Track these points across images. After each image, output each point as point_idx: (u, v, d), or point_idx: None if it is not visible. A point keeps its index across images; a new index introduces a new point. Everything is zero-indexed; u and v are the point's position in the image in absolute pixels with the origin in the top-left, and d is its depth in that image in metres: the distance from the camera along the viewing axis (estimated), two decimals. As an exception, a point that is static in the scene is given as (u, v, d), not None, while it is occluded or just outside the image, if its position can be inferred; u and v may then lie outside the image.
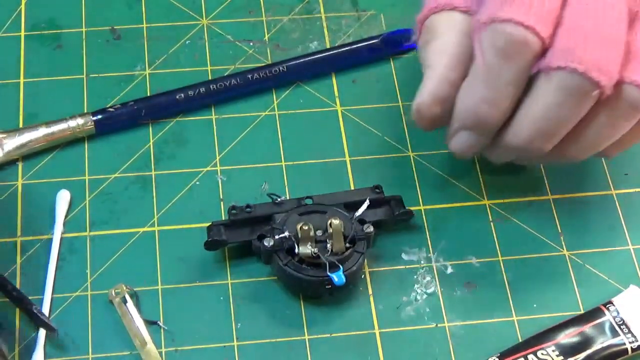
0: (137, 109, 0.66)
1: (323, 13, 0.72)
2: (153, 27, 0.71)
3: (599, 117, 0.56)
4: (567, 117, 0.56)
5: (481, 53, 0.56)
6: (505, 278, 0.62)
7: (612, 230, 0.64)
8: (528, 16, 0.54)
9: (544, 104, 0.55)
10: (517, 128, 0.57)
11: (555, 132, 0.57)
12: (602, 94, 0.55)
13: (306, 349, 0.59)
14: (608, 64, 0.54)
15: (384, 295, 0.61)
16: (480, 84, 0.57)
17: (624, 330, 0.59)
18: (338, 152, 0.66)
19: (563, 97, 0.55)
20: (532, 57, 0.55)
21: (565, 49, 0.54)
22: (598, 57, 0.54)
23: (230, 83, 0.67)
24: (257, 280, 0.61)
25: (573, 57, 0.54)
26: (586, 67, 0.54)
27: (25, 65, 0.69)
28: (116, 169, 0.65)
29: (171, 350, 0.59)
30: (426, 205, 0.64)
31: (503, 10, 0.54)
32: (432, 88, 0.58)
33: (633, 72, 0.55)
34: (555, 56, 0.55)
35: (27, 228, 0.62)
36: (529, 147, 0.57)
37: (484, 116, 0.57)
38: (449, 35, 0.59)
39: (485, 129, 0.58)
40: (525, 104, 0.57)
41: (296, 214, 0.61)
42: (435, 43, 0.59)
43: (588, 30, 0.54)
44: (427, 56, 0.59)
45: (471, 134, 0.59)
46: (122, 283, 0.60)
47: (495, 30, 0.55)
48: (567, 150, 0.59)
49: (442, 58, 0.58)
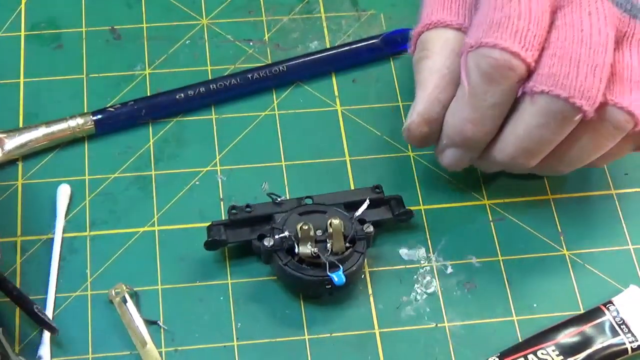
0: (137, 109, 0.66)
1: (323, 13, 0.72)
2: (153, 27, 0.71)
3: (582, 136, 0.58)
4: (549, 138, 0.57)
5: (467, 75, 0.57)
6: (505, 278, 0.62)
7: (612, 230, 0.64)
8: (513, 42, 0.55)
9: (527, 124, 0.57)
10: (502, 145, 0.59)
11: (538, 150, 0.58)
12: (585, 117, 0.56)
13: (306, 349, 0.59)
14: (591, 90, 0.55)
15: (384, 295, 0.61)
16: (465, 105, 0.58)
17: (624, 330, 0.59)
18: (338, 152, 0.66)
19: (546, 119, 0.56)
20: (517, 81, 0.56)
21: (549, 74, 0.56)
22: (581, 82, 0.55)
23: (230, 83, 0.67)
24: (257, 280, 0.61)
25: (556, 82, 0.55)
26: (569, 92, 0.55)
27: (25, 65, 0.69)
28: (116, 169, 0.65)
29: (171, 350, 0.59)
30: (426, 205, 0.64)
31: (489, 35, 0.56)
32: (422, 109, 0.60)
33: (617, 94, 0.57)
34: (539, 80, 0.56)
35: (27, 228, 0.62)
36: (513, 163, 0.59)
37: (470, 135, 0.59)
38: (440, 54, 0.60)
39: (471, 146, 0.60)
40: (510, 123, 0.58)
41: (296, 214, 0.61)
42: (428, 62, 0.60)
43: (572, 55, 0.56)
44: (419, 74, 0.61)
45: (459, 151, 0.60)
46: (122, 283, 0.60)
47: (481, 55, 0.56)
48: (552, 165, 0.61)
49: (433, 78, 0.60)
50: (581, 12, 0.57)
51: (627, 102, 0.56)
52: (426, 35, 0.61)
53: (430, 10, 0.61)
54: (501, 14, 0.56)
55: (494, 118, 0.58)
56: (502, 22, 0.56)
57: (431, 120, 0.60)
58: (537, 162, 0.59)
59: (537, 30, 0.56)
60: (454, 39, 0.60)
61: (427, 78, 0.60)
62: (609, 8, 0.57)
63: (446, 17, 0.61)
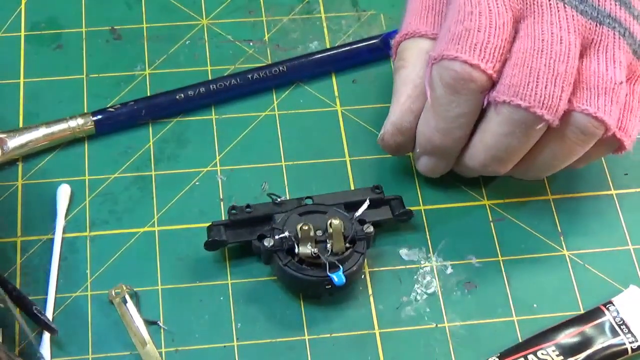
0: (137, 109, 0.66)
1: (323, 13, 0.72)
2: (153, 27, 0.71)
3: (552, 143, 0.59)
4: (516, 146, 0.58)
5: (431, 87, 0.59)
6: (505, 278, 0.62)
7: (612, 230, 0.64)
8: (473, 54, 0.57)
9: (493, 133, 0.58)
10: (472, 153, 0.60)
11: (507, 158, 0.59)
12: (550, 125, 0.57)
13: (306, 349, 0.59)
14: (552, 99, 0.56)
15: (384, 295, 0.61)
16: (432, 116, 0.59)
17: (624, 330, 0.59)
18: (338, 152, 0.66)
19: (510, 128, 0.57)
20: (479, 91, 0.57)
21: (510, 84, 0.57)
22: (541, 92, 0.56)
23: (230, 83, 0.67)
24: (257, 280, 0.61)
25: (516, 92, 0.56)
26: (528, 102, 0.56)
27: (25, 65, 0.69)
28: (116, 169, 0.65)
29: (171, 350, 0.59)
30: (426, 205, 0.64)
31: (450, 48, 0.57)
32: (395, 119, 0.62)
33: (584, 100, 0.57)
34: (501, 90, 0.57)
35: (27, 228, 0.62)
36: (485, 170, 0.61)
37: (438, 144, 0.60)
38: (415, 64, 0.61)
39: (442, 154, 0.61)
40: (479, 131, 0.59)
41: (296, 214, 0.61)
42: (403, 72, 0.62)
43: (532, 65, 0.56)
44: (395, 83, 0.62)
45: (432, 158, 0.62)
46: (122, 283, 0.60)
47: (443, 67, 0.58)
48: (527, 170, 0.62)
49: (407, 88, 0.61)
50: (542, 23, 0.57)
51: (593, 109, 0.57)
52: (403, 44, 0.63)
53: (408, 20, 0.63)
54: (462, 27, 0.57)
55: (460, 127, 0.59)
56: (463, 35, 0.57)
57: (404, 129, 0.61)
58: (508, 168, 0.60)
59: (497, 42, 0.57)
60: (429, 49, 0.61)
61: (401, 88, 0.62)
62: (573, 17, 0.58)
63: (421, 28, 0.62)
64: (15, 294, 0.59)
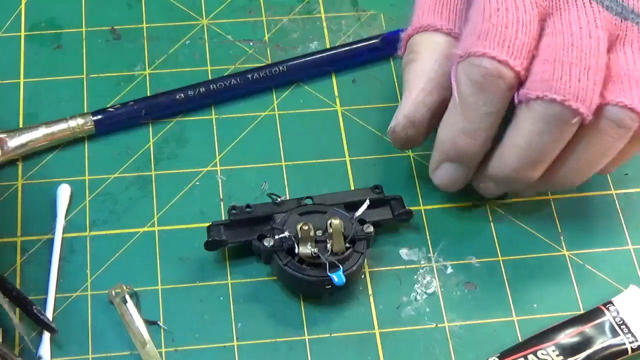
0: (137, 109, 0.66)
1: (323, 13, 0.72)
2: (153, 27, 0.71)
3: (587, 140, 0.58)
4: (550, 145, 0.57)
5: (457, 85, 0.58)
6: (505, 278, 0.62)
7: (612, 230, 0.64)
8: (501, 50, 0.56)
9: (526, 132, 0.57)
10: (503, 158, 0.59)
11: (540, 159, 0.58)
12: (584, 120, 0.56)
13: (306, 349, 0.59)
14: (586, 92, 0.55)
15: (384, 295, 0.61)
16: (458, 116, 0.58)
17: (624, 330, 0.59)
18: (338, 152, 0.66)
19: (544, 125, 0.56)
20: (507, 89, 0.57)
21: (542, 79, 0.56)
22: (575, 85, 0.55)
23: (230, 83, 0.67)
24: (257, 280, 0.61)
25: (550, 86, 0.56)
26: (563, 95, 0.55)
27: (25, 65, 0.69)
28: (116, 169, 0.65)
29: (171, 350, 0.59)
30: (426, 205, 0.64)
31: (477, 45, 0.56)
32: (408, 111, 0.61)
33: (614, 93, 0.57)
34: (533, 86, 0.56)
35: (27, 228, 0.62)
36: (516, 176, 0.59)
37: (464, 147, 0.59)
38: (429, 57, 0.61)
39: (466, 160, 0.60)
40: (509, 134, 0.58)
41: (296, 214, 0.61)
42: (416, 65, 0.61)
43: (564, 59, 0.56)
44: (407, 77, 0.62)
45: (454, 166, 0.61)
46: (122, 283, 0.60)
47: (470, 64, 0.57)
48: (563, 176, 0.60)
49: (421, 81, 0.61)
50: (570, 18, 0.57)
51: (628, 100, 0.56)
52: (416, 38, 0.62)
53: (421, 13, 0.62)
54: (489, 24, 0.57)
55: (486, 128, 0.58)
56: (490, 32, 0.56)
57: (416, 122, 0.61)
58: (539, 173, 0.59)
59: (525, 39, 0.57)
60: (443, 43, 0.61)
61: (414, 81, 0.61)
62: (600, 12, 0.57)
63: (437, 21, 0.61)
64: (15, 294, 0.59)
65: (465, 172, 0.61)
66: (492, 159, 0.60)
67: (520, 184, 0.60)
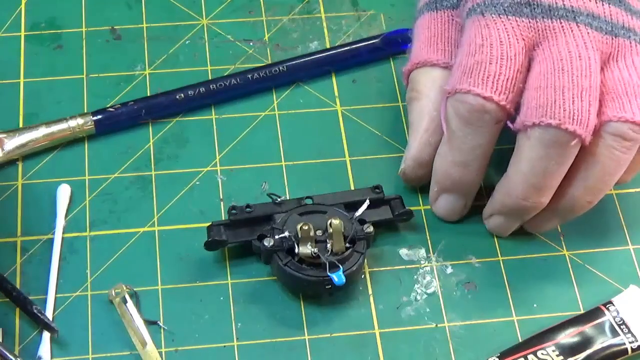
0: (137, 109, 0.66)
1: (323, 13, 0.72)
2: (153, 27, 0.71)
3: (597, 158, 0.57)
4: (553, 169, 0.57)
5: (446, 120, 0.59)
6: (505, 278, 0.62)
7: (612, 230, 0.64)
8: (485, 87, 0.57)
9: (528, 159, 0.57)
10: (508, 186, 0.59)
11: (545, 184, 0.58)
12: (583, 142, 0.56)
13: (306, 349, 0.59)
14: (581, 113, 0.56)
15: (384, 295, 0.61)
16: (449, 149, 0.60)
17: (624, 330, 0.59)
18: (338, 152, 0.66)
19: (544, 150, 0.57)
20: (493, 122, 0.58)
21: (536, 106, 0.56)
22: (569, 108, 0.56)
23: (230, 83, 0.67)
24: (257, 280, 0.61)
25: (545, 112, 0.56)
26: (559, 120, 0.56)
27: (25, 65, 0.69)
28: (116, 169, 0.65)
29: (171, 350, 0.59)
30: (426, 205, 0.64)
31: (463, 82, 0.58)
32: (414, 153, 0.62)
33: (613, 109, 0.57)
34: (528, 114, 0.57)
35: (27, 228, 0.62)
36: (525, 203, 0.59)
37: (458, 178, 0.60)
38: (428, 95, 0.62)
39: (461, 189, 0.61)
40: (513, 163, 0.59)
41: (296, 214, 0.61)
42: (417, 104, 0.62)
43: (555, 84, 0.56)
44: (410, 115, 0.63)
45: (452, 196, 0.62)
46: (122, 283, 0.60)
47: (457, 100, 0.58)
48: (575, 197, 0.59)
49: (423, 121, 0.62)
50: (558, 44, 0.57)
51: (629, 114, 0.57)
52: (415, 74, 0.63)
53: (418, 48, 0.63)
54: (473, 60, 0.58)
55: (477, 158, 0.59)
56: (474, 68, 0.57)
57: (424, 163, 0.62)
58: (548, 197, 0.59)
59: (509, 73, 0.57)
60: (441, 78, 0.62)
61: (417, 122, 0.62)
62: (588, 34, 0.58)
63: (432, 56, 0.62)
64: (15, 294, 0.59)
65: (462, 201, 0.62)
66: (498, 191, 0.60)
67: (531, 212, 0.60)
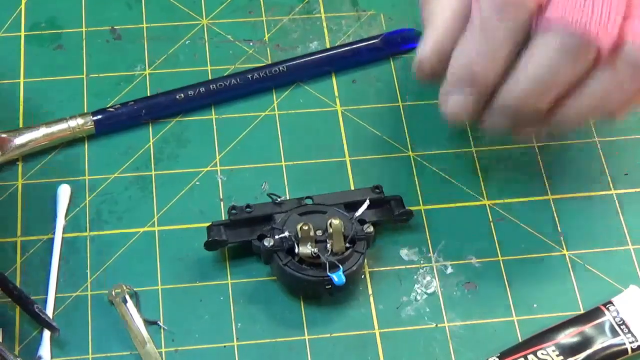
0: (137, 109, 0.66)
1: (323, 13, 0.72)
2: (153, 27, 0.71)
3: (601, 76, 0.56)
4: (563, 72, 0.56)
5: (479, 8, 0.57)
6: (505, 278, 0.62)
7: (612, 230, 0.64)
8: None
9: (541, 58, 0.56)
10: (512, 84, 0.58)
11: (551, 86, 0.57)
12: (600, 52, 0.55)
13: (306, 349, 0.59)
14: (608, 19, 0.54)
15: (384, 295, 0.61)
16: (477, 38, 0.57)
17: (624, 330, 0.59)
18: (338, 152, 0.66)
19: (560, 51, 0.55)
20: (527, 15, 0.56)
21: (564, 3, 0.55)
22: (597, 11, 0.54)
23: (230, 83, 0.67)
24: (257, 280, 0.61)
25: (572, 10, 0.54)
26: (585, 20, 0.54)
27: (25, 65, 0.69)
28: (116, 169, 0.65)
29: (171, 350, 0.59)
30: (426, 205, 0.64)
31: None
32: (433, 42, 0.59)
33: (633, 29, 0.55)
34: (554, 10, 0.55)
35: (27, 228, 0.62)
36: (524, 104, 0.58)
37: (478, 71, 0.58)
38: None
39: (479, 85, 0.58)
40: (521, 60, 0.57)
41: (296, 214, 0.61)
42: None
43: None
44: (429, 12, 0.60)
45: (465, 92, 0.59)
46: (122, 283, 0.60)
47: None
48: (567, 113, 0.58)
49: (444, 13, 0.59)
50: None
51: None
52: None
53: None
54: None
55: (504, 53, 0.57)
56: None
57: (441, 53, 0.59)
58: (547, 103, 0.58)
59: None
60: None
61: (438, 12, 0.59)
62: None
63: None
64: (16, 294, 0.59)
65: (475, 100, 0.59)
66: (504, 86, 0.58)
67: (527, 115, 0.59)
